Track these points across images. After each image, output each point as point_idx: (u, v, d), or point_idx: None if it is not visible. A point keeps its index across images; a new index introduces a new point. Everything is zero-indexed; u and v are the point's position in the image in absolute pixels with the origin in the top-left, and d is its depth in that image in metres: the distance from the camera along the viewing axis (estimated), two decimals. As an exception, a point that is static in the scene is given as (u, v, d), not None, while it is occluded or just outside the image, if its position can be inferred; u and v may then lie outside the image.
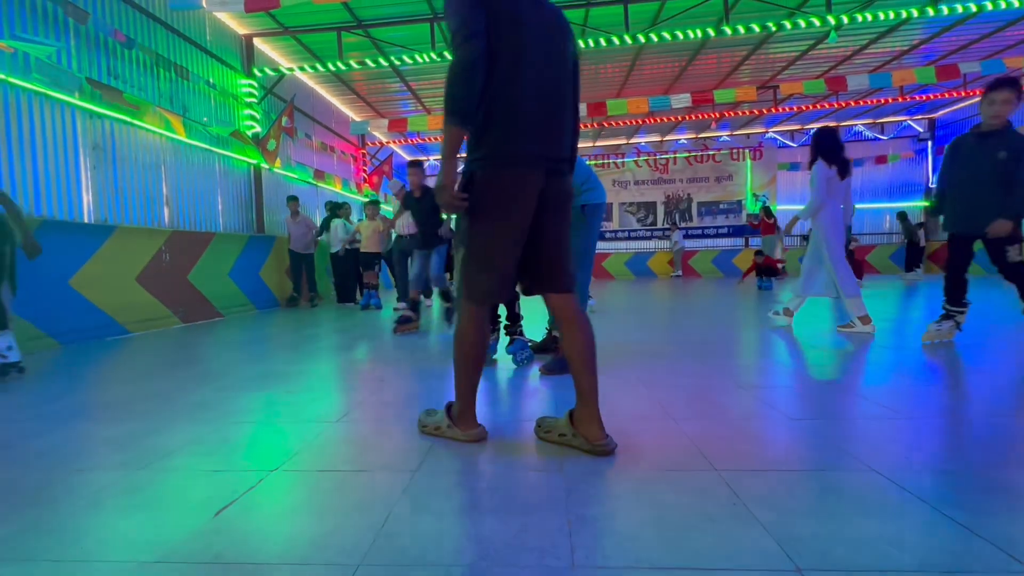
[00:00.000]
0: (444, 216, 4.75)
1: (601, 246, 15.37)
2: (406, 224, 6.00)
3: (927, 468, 1.43)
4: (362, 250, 7.19)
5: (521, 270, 1.68)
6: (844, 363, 2.85)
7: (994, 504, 1.21)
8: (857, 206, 14.50)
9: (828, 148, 3.85)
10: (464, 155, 1.63)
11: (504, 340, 3.16)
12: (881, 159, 14.22)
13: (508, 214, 1.56)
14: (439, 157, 1.64)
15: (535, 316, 3.75)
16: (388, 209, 11.10)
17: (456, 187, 1.58)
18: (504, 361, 2.85)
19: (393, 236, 7.06)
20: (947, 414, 1.93)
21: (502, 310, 3.00)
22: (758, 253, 10.24)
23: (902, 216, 11.78)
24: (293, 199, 7.74)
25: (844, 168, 3.85)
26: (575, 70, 1.70)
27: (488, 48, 1.47)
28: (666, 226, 15.48)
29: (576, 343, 1.65)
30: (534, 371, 2.80)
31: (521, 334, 2.90)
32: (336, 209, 8.09)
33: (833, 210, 3.88)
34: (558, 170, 1.63)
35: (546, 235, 1.64)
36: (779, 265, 10.60)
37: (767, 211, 11.24)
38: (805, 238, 13.07)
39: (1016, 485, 1.31)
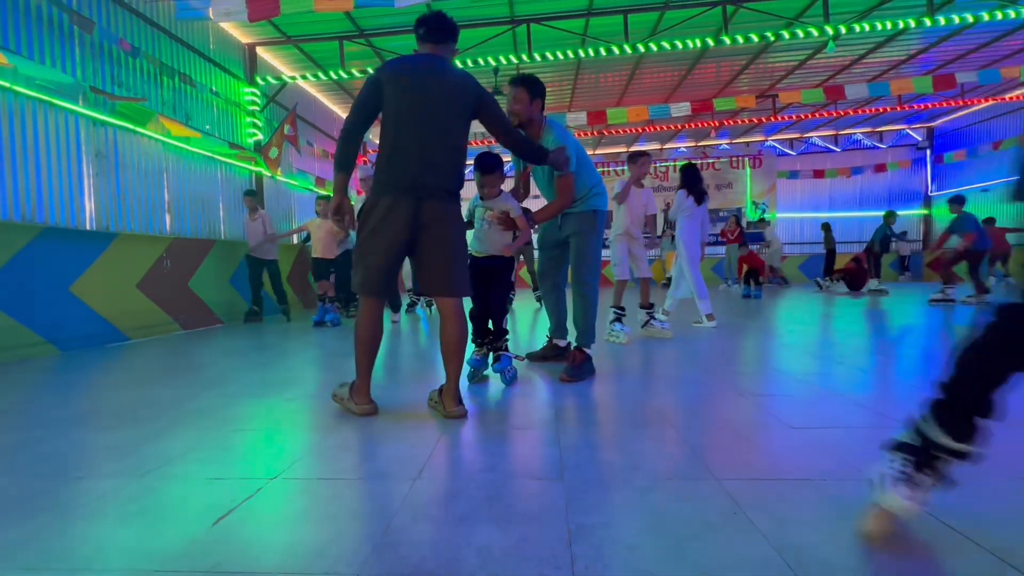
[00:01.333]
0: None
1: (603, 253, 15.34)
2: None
3: (928, 477, 1.42)
4: (313, 255, 6.13)
5: (416, 277, 2.17)
6: (843, 371, 2.85)
7: (995, 514, 1.21)
8: (855, 214, 14.72)
9: (689, 181, 4.77)
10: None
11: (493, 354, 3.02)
12: (880, 167, 14.28)
13: (382, 227, 2.05)
14: None
15: (539, 327, 3.74)
16: None
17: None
18: (495, 377, 2.80)
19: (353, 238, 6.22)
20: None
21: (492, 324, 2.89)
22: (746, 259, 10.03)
23: (826, 227, 11.75)
24: (250, 194, 6.65)
25: (700, 198, 4.76)
26: (487, 114, 2.19)
27: (369, 116, 2.08)
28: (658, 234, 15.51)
29: (451, 336, 2.14)
30: (530, 381, 2.80)
31: (506, 350, 2.76)
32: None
33: (690, 229, 4.75)
34: (434, 196, 2.07)
35: (427, 249, 2.10)
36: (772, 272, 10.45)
37: (736, 220, 11.25)
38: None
39: (1017, 495, 1.30)
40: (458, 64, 2.28)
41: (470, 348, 2.76)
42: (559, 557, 1.07)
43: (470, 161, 2.35)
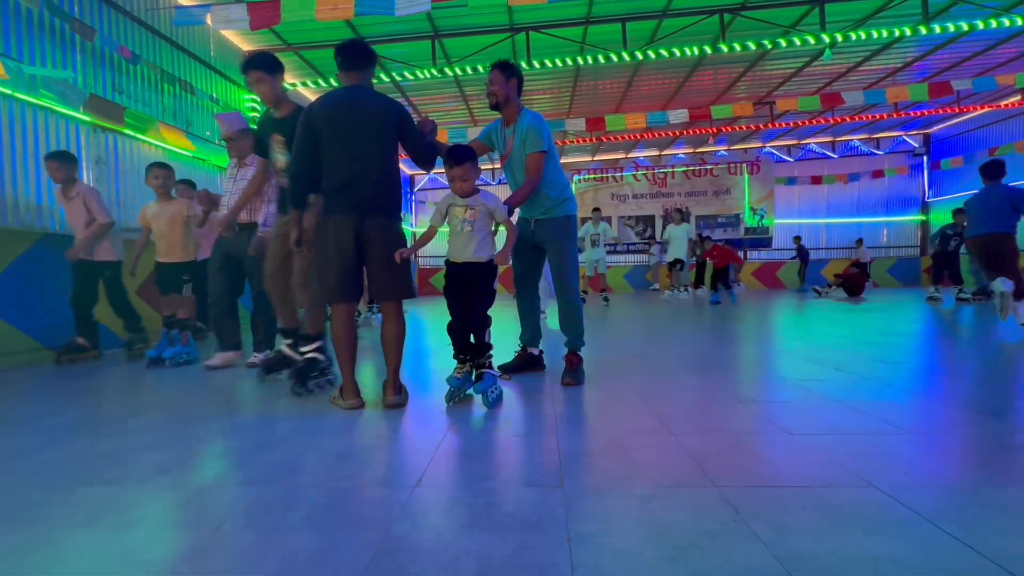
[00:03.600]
0: None
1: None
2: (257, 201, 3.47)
3: (926, 484, 1.43)
4: (156, 258, 4.08)
5: (368, 284, 2.45)
6: (842, 378, 2.85)
7: (993, 520, 1.21)
8: (853, 220, 14.77)
9: None
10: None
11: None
12: (878, 173, 14.35)
13: (328, 244, 2.34)
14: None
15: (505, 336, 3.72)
16: None
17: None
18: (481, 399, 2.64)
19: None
20: (946, 430, 1.93)
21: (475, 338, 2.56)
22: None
23: (797, 239, 12.64)
24: (57, 157, 3.96)
25: None
26: (405, 131, 2.43)
27: (312, 156, 2.34)
28: (659, 240, 15.54)
29: (389, 334, 2.43)
30: (527, 388, 2.80)
31: (490, 367, 2.50)
32: None
33: None
34: (374, 214, 2.34)
35: (371, 259, 2.36)
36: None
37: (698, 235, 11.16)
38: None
39: (1015, 502, 1.31)
40: (375, 85, 2.55)
41: (451, 366, 2.61)
42: (558, 565, 1.06)
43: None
